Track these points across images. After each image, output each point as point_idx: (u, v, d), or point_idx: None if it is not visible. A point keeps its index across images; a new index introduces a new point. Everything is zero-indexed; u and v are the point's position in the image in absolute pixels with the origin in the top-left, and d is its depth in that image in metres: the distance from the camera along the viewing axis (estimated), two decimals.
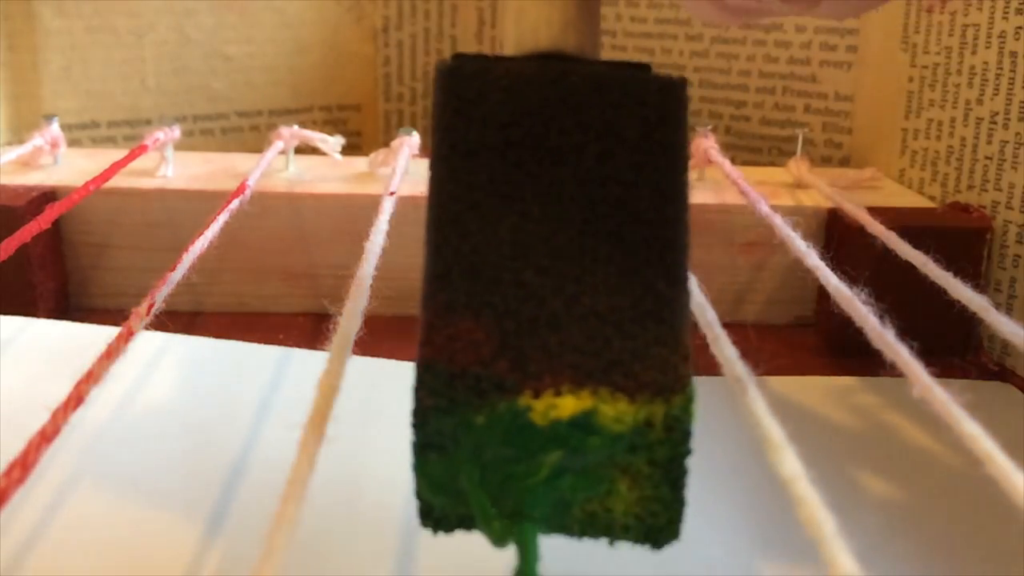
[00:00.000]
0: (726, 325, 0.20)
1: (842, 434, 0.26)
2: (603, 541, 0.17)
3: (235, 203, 0.29)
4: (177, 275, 0.24)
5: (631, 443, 0.16)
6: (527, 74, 0.16)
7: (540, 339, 0.16)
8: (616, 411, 0.16)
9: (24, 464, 0.15)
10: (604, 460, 0.16)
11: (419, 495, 0.16)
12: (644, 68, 0.16)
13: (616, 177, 0.16)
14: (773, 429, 0.16)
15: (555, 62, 0.16)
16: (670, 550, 0.21)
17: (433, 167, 0.16)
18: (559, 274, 0.16)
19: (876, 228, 0.29)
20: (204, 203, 0.33)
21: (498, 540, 0.16)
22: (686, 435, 0.16)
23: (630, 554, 0.21)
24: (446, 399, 0.16)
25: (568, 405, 0.15)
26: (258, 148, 0.37)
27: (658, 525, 0.16)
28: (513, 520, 0.16)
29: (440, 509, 0.16)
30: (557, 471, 0.16)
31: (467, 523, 0.16)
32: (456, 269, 0.16)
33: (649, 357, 0.16)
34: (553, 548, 0.17)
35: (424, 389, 0.16)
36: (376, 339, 0.23)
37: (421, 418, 0.16)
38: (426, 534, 0.21)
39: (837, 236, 0.34)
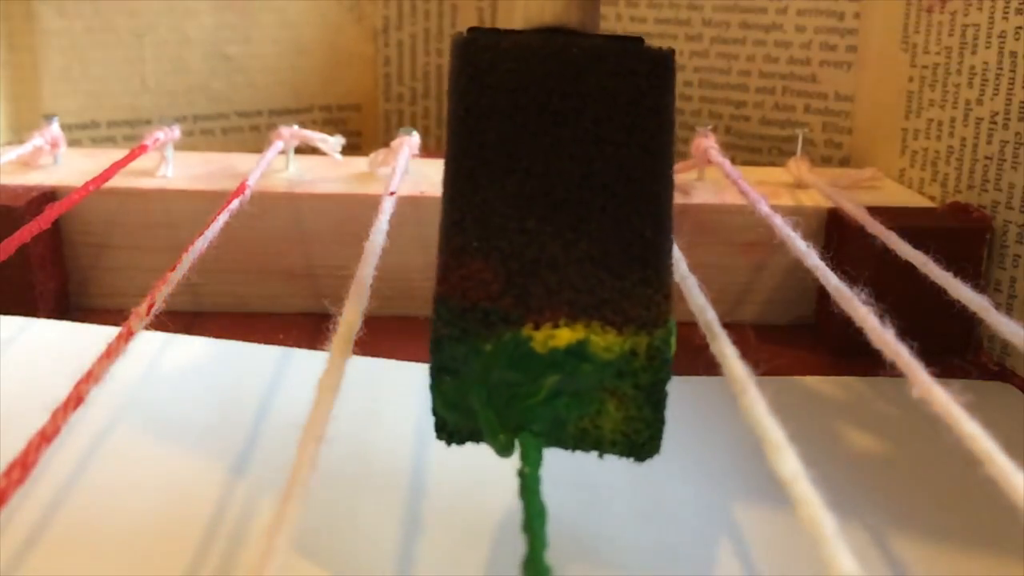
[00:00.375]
0: (726, 325, 0.20)
1: (842, 434, 0.26)
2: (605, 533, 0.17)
3: (235, 203, 0.29)
4: (177, 275, 0.24)
5: (618, 369, 0.18)
6: (533, 46, 0.18)
7: (541, 278, 0.18)
8: (606, 341, 0.18)
9: (24, 464, 0.15)
10: (595, 384, 0.18)
11: (435, 412, 0.19)
12: (638, 41, 0.18)
13: (610, 137, 0.18)
14: (773, 429, 0.16)
15: (558, 35, 0.18)
16: (670, 548, 0.21)
17: (449, 128, 0.18)
18: (558, 222, 0.18)
19: (876, 228, 0.29)
20: (204, 203, 0.33)
21: (502, 451, 0.18)
22: (666, 363, 0.18)
23: (640, 554, 0.21)
24: (458, 329, 0.18)
25: (564, 336, 0.18)
26: (258, 148, 0.37)
27: (641, 441, 0.19)
28: (515, 433, 0.18)
29: (453, 424, 0.19)
30: (554, 392, 0.18)
31: (476, 436, 0.19)
32: (468, 217, 0.18)
33: (635, 295, 0.18)
34: (560, 534, 0.17)
35: (440, 320, 0.18)
36: (376, 339, 0.23)
37: (436, 345, 0.18)
38: (427, 537, 0.21)
39: (837, 236, 0.34)
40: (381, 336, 0.24)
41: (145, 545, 0.20)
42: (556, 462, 0.24)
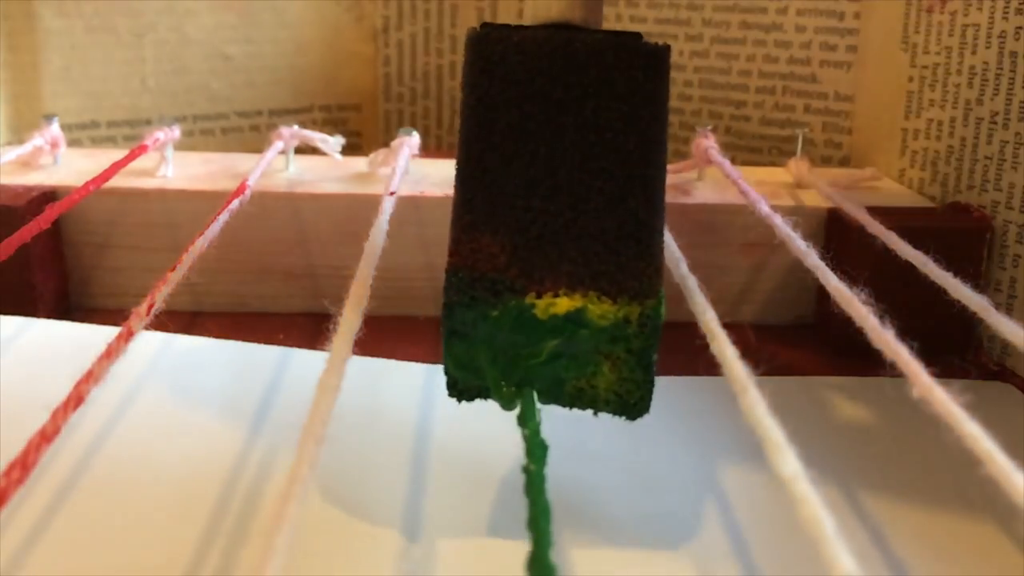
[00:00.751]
0: (726, 325, 0.20)
1: (842, 434, 0.26)
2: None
3: (235, 203, 0.29)
4: (177, 275, 0.24)
5: (612, 335, 0.20)
6: (540, 40, 0.20)
7: (543, 252, 0.20)
8: (601, 310, 0.20)
9: (24, 464, 0.15)
10: (591, 348, 0.20)
11: (446, 371, 0.21)
12: (636, 36, 0.20)
13: (609, 125, 0.19)
14: (773, 429, 0.16)
15: (563, 31, 0.20)
16: (669, 551, 0.21)
17: (462, 115, 0.20)
18: (560, 202, 0.20)
19: (876, 228, 0.29)
20: (204, 203, 0.33)
21: (506, 405, 0.20)
22: (656, 330, 0.20)
23: (641, 553, 0.21)
24: (468, 297, 0.20)
25: (564, 304, 0.20)
26: (258, 148, 0.37)
27: (632, 401, 0.21)
28: (518, 390, 0.20)
29: (463, 382, 0.21)
30: (554, 355, 0.20)
31: (483, 393, 0.21)
32: (479, 196, 0.20)
33: (629, 269, 0.20)
34: (561, 536, 0.17)
35: (452, 289, 0.20)
36: (376, 339, 0.23)
37: (448, 311, 0.20)
38: (428, 537, 0.21)
39: (837, 236, 0.34)
40: (381, 336, 0.24)
41: (145, 544, 0.20)
42: (557, 461, 0.24)
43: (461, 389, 0.21)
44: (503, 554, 0.21)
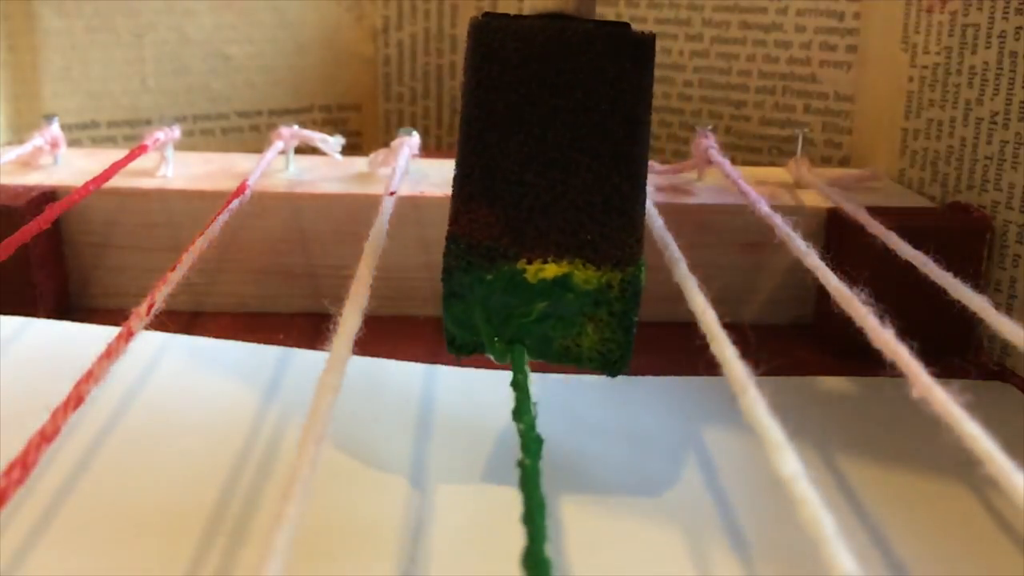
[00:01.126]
0: (726, 325, 0.20)
1: (842, 434, 0.26)
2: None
3: (235, 203, 0.29)
4: (177, 275, 0.24)
5: (596, 299, 0.22)
6: (536, 28, 0.21)
7: (534, 222, 0.22)
8: (586, 276, 0.21)
9: (24, 464, 0.15)
10: (576, 310, 0.22)
11: (446, 329, 0.22)
12: (624, 26, 0.21)
13: (597, 106, 0.21)
14: (773, 429, 0.16)
15: (557, 20, 0.21)
16: (674, 555, 0.21)
17: (464, 97, 0.22)
18: (551, 177, 0.21)
19: (876, 228, 0.29)
20: (204, 203, 0.33)
21: (499, 358, 0.22)
22: (636, 295, 0.22)
23: (642, 551, 0.21)
24: (465, 262, 0.22)
25: (552, 270, 0.21)
26: (258, 148, 0.37)
27: (613, 359, 0.22)
28: (510, 345, 0.22)
29: (460, 339, 0.22)
30: (543, 315, 0.22)
31: (479, 348, 0.22)
32: (477, 170, 0.21)
33: (612, 239, 0.21)
34: (561, 547, 0.17)
35: (451, 255, 0.22)
36: (376, 339, 0.23)
37: (447, 275, 0.22)
38: (428, 537, 0.21)
39: (837, 236, 0.34)
40: (381, 336, 0.24)
41: (146, 544, 0.20)
42: (558, 460, 0.24)
43: (459, 345, 0.23)
44: (503, 551, 0.21)
